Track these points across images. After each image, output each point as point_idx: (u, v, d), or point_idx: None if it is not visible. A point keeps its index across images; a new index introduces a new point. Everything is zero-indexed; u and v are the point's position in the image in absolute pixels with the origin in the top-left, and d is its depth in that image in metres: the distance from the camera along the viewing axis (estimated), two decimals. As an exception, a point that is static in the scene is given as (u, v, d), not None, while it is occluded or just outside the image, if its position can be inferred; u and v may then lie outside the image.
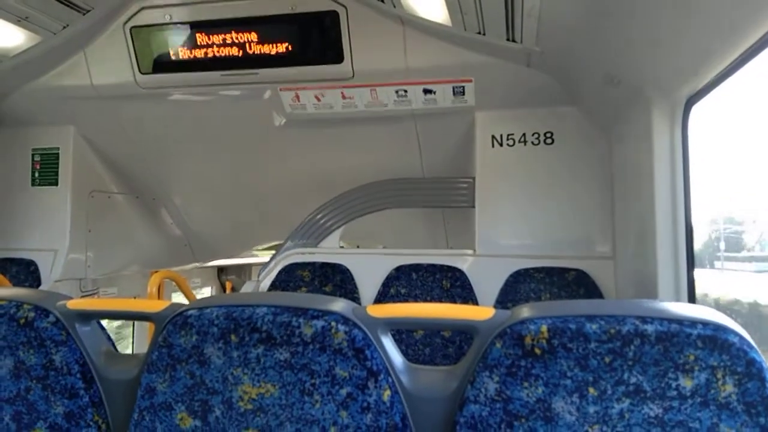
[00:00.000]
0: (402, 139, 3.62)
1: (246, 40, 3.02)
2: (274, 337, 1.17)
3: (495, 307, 1.22)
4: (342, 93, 3.21)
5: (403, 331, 3.02)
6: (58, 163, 3.72)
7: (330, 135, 3.68)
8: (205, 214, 4.69)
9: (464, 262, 3.16)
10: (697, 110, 2.06)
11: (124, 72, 3.21)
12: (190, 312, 1.23)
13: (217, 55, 3.06)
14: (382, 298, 3.18)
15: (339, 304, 1.22)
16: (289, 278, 3.35)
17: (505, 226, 3.18)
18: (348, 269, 3.30)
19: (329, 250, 3.42)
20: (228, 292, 6.85)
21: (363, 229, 3.72)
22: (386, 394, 1.15)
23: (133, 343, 4.70)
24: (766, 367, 1.01)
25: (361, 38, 2.95)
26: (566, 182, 3.12)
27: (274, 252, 3.54)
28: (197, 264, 5.25)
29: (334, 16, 2.90)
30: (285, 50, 3.02)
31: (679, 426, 1.03)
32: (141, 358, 1.31)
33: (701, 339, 1.01)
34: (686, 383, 1.02)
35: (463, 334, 2.96)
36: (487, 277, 3.09)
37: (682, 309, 1.07)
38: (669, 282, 2.10)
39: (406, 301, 3.12)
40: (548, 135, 3.19)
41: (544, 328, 1.07)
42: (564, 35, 2.42)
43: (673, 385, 1.03)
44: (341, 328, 1.16)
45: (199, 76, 3.16)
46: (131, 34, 3.10)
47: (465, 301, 3.07)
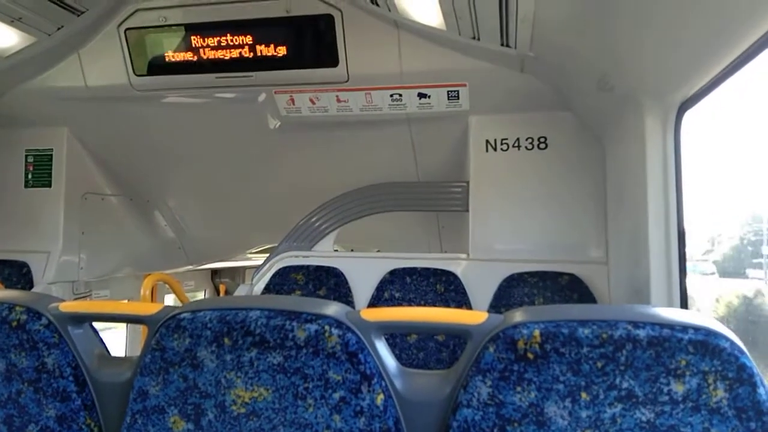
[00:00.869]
0: (396, 142, 3.62)
1: (241, 42, 3.02)
2: (267, 341, 1.17)
3: (488, 311, 1.23)
4: (337, 96, 3.21)
5: (396, 335, 3.01)
6: (51, 165, 3.70)
7: (325, 138, 3.68)
8: (199, 217, 4.67)
9: (458, 266, 3.16)
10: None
11: (119, 74, 3.20)
12: (183, 315, 1.22)
13: (212, 57, 3.06)
14: (376, 301, 3.17)
15: (332, 308, 1.22)
16: (283, 281, 3.35)
17: (498, 230, 3.19)
18: (342, 273, 3.30)
19: (323, 254, 3.41)
20: (222, 295, 6.83)
21: (357, 232, 3.72)
22: (379, 398, 1.15)
23: (126, 346, 4.67)
24: (756, 372, 1.01)
25: (356, 42, 2.95)
26: (560, 187, 3.13)
27: (268, 255, 3.53)
28: (191, 267, 5.22)
29: (329, 19, 2.90)
30: (280, 53, 3.02)
31: (670, 430, 1.03)
32: (134, 362, 1.30)
33: (693, 344, 1.02)
34: (678, 388, 1.03)
35: (456, 338, 2.96)
36: (481, 282, 3.09)
37: (674, 314, 1.08)
38: (661, 287, 2.11)
39: (400, 304, 3.12)
40: (542, 140, 3.20)
41: (536, 332, 1.08)
42: (557, 41, 2.43)
43: (665, 390, 1.03)
44: (335, 331, 1.16)
45: (193, 79, 3.16)
46: (126, 36, 3.09)
47: (459, 305, 3.07)
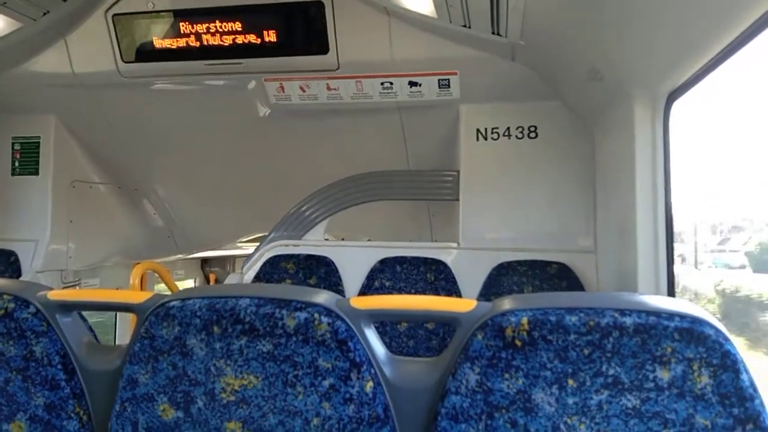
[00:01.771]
0: (387, 131, 3.61)
1: (230, 29, 2.99)
2: (257, 329, 1.17)
3: (478, 299, 1.24)
4: (327, 84, 3.20)
5: (387, 324, 3.03)
6: (38, 153, 3.66)
7: (315, 126, 3.67)
8: (189, 205, 4.65)
9: (448, 255, 3.18)
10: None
11: (106, 60, 3.16)
12: (172, 303, 1.22)
13: (201, 44, 3.03)
14: (366, 290, 3.18)
15: (322, 296, 1.22)
16: (273, 270, 3.34)
17: (488, 219, 3.20)
18: (332, 261, 3.30)
19: (314, 243, 3.41)
20: (212, 284, 6.82)
21: (348, 221, 3.72)
22: (369, 386, 1.16)
23: (115, 335, 4.66)
24: (740, 359, 1.03)
25: (347, 29, 2.93)
26: (550, 176, 3.14)
27: (258, 244, 3.52)
28: (180, 255, 5.20)
29: (319, 6, 2.88)
30: (270, 40, 2.99)
31: (655, 417, 1.05)
32: (123, 350, 1.30)
33: (678, 331, 1.03)
34: (663, 375, 1.04)
35: (446, 326, 2.98)
36: (471, 270, 3.10)
37: (660, 302, 1.09)
38: (649, 275, 2.13)
39: (390, 293, 3.13)
40: (532, 129, 3.20)
41: (524, 320, 1.08)
42: (548, 30, 2.43)
43: (651, 376, 1.05)
44: (324, 319, 1.16)
45: (182, 66, 3.13)
46: (113, 22, 3.05)
47: (449, 294, 3.08)
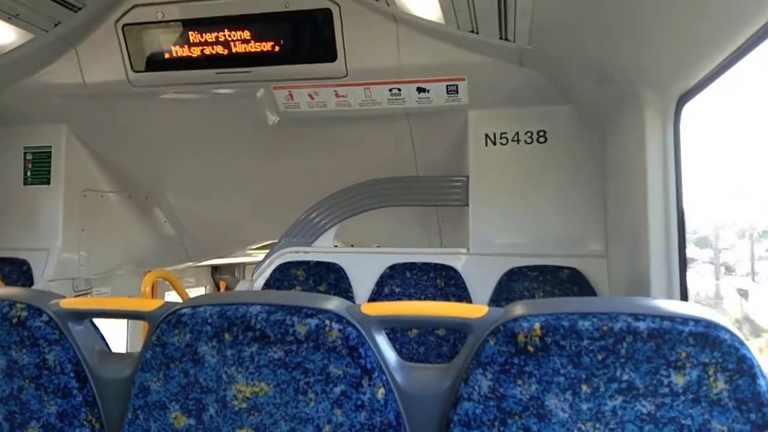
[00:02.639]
0: (396, 137, 3.62)
1: (239, 38, 3.01)
2: (267, 336, 1.17)
3: (489, 305, 1.23)
4: (335, 91, 3.21)
5: (397, 330, 3.02)
6: (50, 162, 3.70)
7: (323, 134, 3.67)
8: (199, 213, 4.67)
9: (458, 261, 3.16)
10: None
11: (117, 70, 3.19)
12: (183, 311, 1.22)
13: (210, 53, 3.05)
14: (376, 296, 3.17)
15: (333, 303, 1.22)
16: (283, 277, 3.35)
17: (498, 224, 3.18)
18: (342, 268, 3.30)
19: (323, 249, 3.41)
20: (222, 291, 6.83)
21: (357, 227, 3.72)
22: (380, 392, 1.16)
23: (127, 342, 4.67)
24: (756, 364, 1.01)
25: (355, 36, 2.94)
26: (559, 181, 3.12)
27: (268, 251, 3.53)
28: (191, 263, 5.22)
29: (327, 14, 2.89)
30: (278, 48, 3.01)
31: (671, 422, 1.03)
32: (135, 357, 1.30)
33: (693, 336, 1.02)
34: (678, 380, 1.03)
35: (457, 332, 2.96)
36: (481, 276, 3.09)
37: (674, 306, 1.08)
38: (661, 280, 2.11)
39: (401, 299, 3.12)
40: (541, 134, 3.19)
41: (537, 325, 1.08)
42: (556, 34, 2.42)
43: (665, 381, 1.03)
44: (335, 326, 1.16)
45: (192, 75, 3.15)
46: (123, 32, 3.08)
47: (459, 300, 3.07)
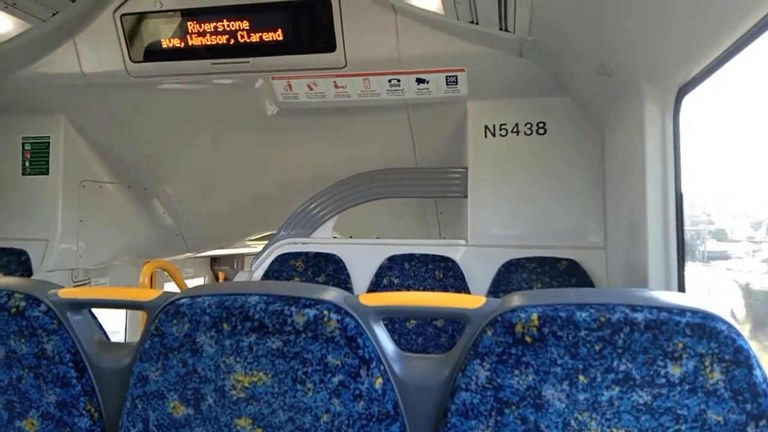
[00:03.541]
0: (395, 128, 3.61)
1: (238, 28, 2.99)
2: (266, 326, 1.17)
3: (487, 296, 1.23)
4: (335, 82, 3.19)
5: (396, 321, 3.02)
6: (48, 153, 3.69)
7: (323, 124, 3.67)
8: (198, 204, 4.67)
9: (456, 252, 3.17)
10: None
11: (115, 60, 3.17)
12: (182, 301, 1.23)
13: (209, 43, 3.03)
14: (374, 288, 3.18)
15: (331, 293, 1.22)
16: (281, 268, 3.35)
17: (497, 216, 3.19)
18: (341, 259, 3.30)
19: (322, 240, 3.41)
20: (221, 282, 6.84)
21: (356, 219, 3.72)
22: (378, 382, 1.16)
23: (125, 332, 4.69)
24: (753, 355, 1.02)
25: (354, 27, 2.93)
26: (559, 172, 3.12)
27: (266, 242, 3.53)
28: (190, 254, 5.23)
29: (326, 4, 2.88)
30: (277, 38, 2.99)
31: (667, 413, 1.04)
32: (133, 347, 1.31)
33: (690, 327, 1.03)
34: (675, 371, 1.03)
35: (455, 323, 2.97)
36: (480, 267, 3.09)
37: (671, 297, 1.08)
38: (659, 271, 2.11)
39: (399, 291, 3.13)
40: (541, 125, 3.19)
41: (534, 316, 1.08)
42: (556, 25, 2.41)
43: (662, 372, 1.04)
44: (333, 316, 1.16)
45: (190, 65, 3.14)
46: (122, 22, 3.06)
47: (457, 291, 3.07)
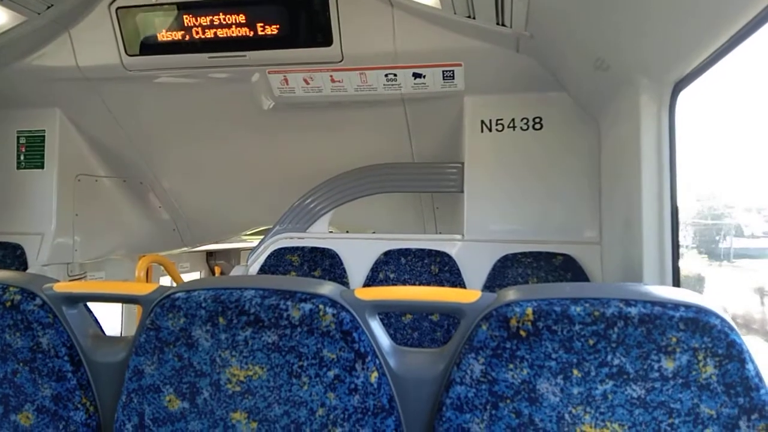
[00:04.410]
0: (391, 123, 3.61)
1: (234, 22, 2.98)
2: (262, 320, 1.18)
3: (482, 291, 1.24)
4: (331, 76, 3.19)
5: (391, 316, 3.03)
6: (43, 146, 3.67)
7: (319, 119, 3.66)
8: (194, 199, 4.66)
9: (453, 247, 3.17)
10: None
11: (110, 54, 3.16)
12: (177, 295, 1.23)
13: (205, 37, 3.02)
14: (370, 282, 3.19)
15: (327, 287, 1.22)
16: (278, 263, 3.35)
17: (493, 211, 3.19)
18: (337, 254, 3.30)
19: (318, 235, 3.41)
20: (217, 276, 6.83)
21: (352, 213, 3.72)
22: (373, 376, 1.16)
23: (121, 326, 4.68)
24: (746, 349, 1.03)
25: (351, 21, 2.92)
26: (555, 167, 3.13)
27: (263, 237, 3.53)
28: (186, 248, 5.22)
29: None
30: (273, 32, 2.98)
31: (660, 407, 1.05)
32: (129, 341, 1.31)
33: (683, 321, 1.03)
34: (668, 365, 1.04)
35: (451, 318, 2.98)
36: (475, 262, 3.10)
37: (665, 292, 1.09)
38: (654, 266, 2.12)
39: (395, 285, 3.13)
40: (537, 120, 3.19)
41: (529, 310, 1.08)
42: (553, 20, 2.41)
43: (656, 366, 1.04)
44: (329, 310, 1.16)
45: (186, 59, 3.12)
46: (117, 15, 3.04)
47: (453, 286, 3.08)
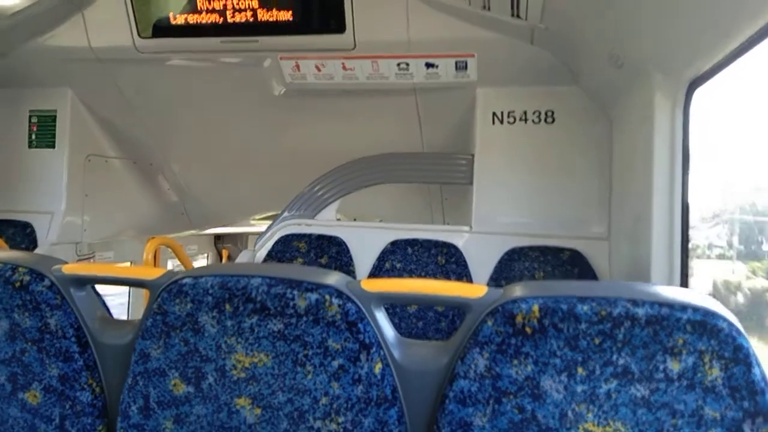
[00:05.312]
0: (402, 113, 3.59)
1: (247, 6, 2.97)
2: (268, 308, 1.18)
3: (489, 284, 1.24)
4: (343, 64, 3.17)
5: (397, 305, 3.04)
6: (55, 126, 3.69)
7: (330, 106, 3.65)
8: (203, 182, 4.67)
9: (460, 239, 3.17)
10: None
11: (123, 35, 3.16)
12: (185, 280, 1.23)
13: (218, 21, 3.01)
14: (377, 272, 3.19)
15: (333, 278, 1.23)
16: (285, 249, 3.36)
17: (502, 203, 3.18)
18: (344, 242, 3.31)
19: (326, 222, 3.42)
20: (224, 259, 6.88)
21: (360, 202, 3.72)
22: (377, 367, 1.17)
23: (129, 309, 4.73)
24: (753, 353, 1.02)
25: (364, 8, 2.90)
26: (565, 162, 3.11)
27: (271, 222, 3.54)
28: (194, 231, 5.25)
29: None
30: (287, 18, 2.97)
31: (664, 407, 1.04)
32: (136, 324, 1.32)
33: (691, 323, 1.02)
34: (674, 366, 1.04)
35: (456, 309, 2.98)
36: (482, 254, 3.10)
37: (674, 293, 1.08)
38: (662, 265, 2.11)
39: (401, 275, 3.14)
40: (549, 114, 3.16)
41: (535, 307, 1.08)
42: (568, 13, 2.39)
43: (661, 367, 1.04)
44: (335, 301, 1.16)
45: (198, 42, 3.12)
46: None
47: (459, 278, 3.08)
